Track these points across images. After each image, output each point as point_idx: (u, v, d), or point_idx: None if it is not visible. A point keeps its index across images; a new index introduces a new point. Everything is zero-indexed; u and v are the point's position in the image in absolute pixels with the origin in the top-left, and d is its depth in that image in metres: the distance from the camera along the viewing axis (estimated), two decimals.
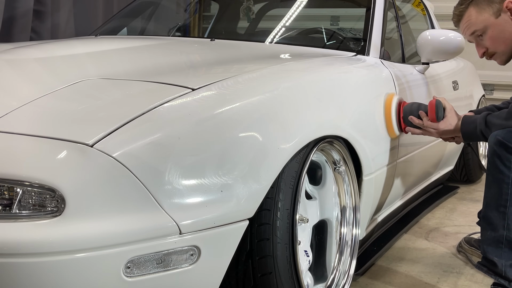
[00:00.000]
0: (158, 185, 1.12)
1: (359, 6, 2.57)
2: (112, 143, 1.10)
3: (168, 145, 1.15)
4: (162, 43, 2.24)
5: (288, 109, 1.40)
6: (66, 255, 1.04)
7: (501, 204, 1.64)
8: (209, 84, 1.33)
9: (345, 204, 1.70)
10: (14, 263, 1.02)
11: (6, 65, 1.69)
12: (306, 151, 1.44)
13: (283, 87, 1.45)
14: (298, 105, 1.44)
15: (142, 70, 1.53)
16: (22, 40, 3.06)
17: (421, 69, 2.37)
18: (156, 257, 1.13)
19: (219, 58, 1.89)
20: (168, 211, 1.12)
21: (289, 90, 1.46)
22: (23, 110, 1.23)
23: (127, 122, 1.15)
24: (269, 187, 1.29)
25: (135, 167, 1.10)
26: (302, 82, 1.55)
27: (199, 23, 3.11)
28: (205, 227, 1.17)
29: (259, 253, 1.32)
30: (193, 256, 1.17)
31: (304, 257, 1.57)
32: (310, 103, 1.49)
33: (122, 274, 1.10)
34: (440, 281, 1.94)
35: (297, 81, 1.53)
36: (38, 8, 3.22)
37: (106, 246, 1.07)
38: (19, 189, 1.06)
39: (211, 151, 1.20)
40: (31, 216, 1.06)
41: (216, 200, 1.18)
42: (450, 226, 2.57)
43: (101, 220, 1.07)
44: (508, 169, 1.60)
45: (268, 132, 1.31)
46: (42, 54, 1.88)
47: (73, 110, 1.25)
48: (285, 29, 2.39)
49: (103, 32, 2.69)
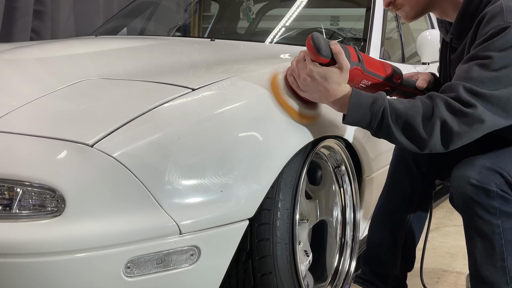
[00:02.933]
0: (158, 185, 1.12)
1: (359, 6, 2.57)
2: (112, 143, 1.10)
3: (168, 145, 1.15)
4: (162, 43, 2.24)
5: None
6: (66, 255, 1.04)
7: (498, 258, 1.34)
8: (209, 84, 1.33)
9: (345, 204, 1.71)
10: (14, 263, 1.02)
11: (6, 65, 1.69)
12: (306, 151, 1.44)
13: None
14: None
15: (142, 70, 1.53)
16: (22, 40, 3.06)
17: (421, 69, 2.37)
18: (156, 257, 1.13)
19: (219, 58, 1.89)
20: (168, 211, 1.12)
21: None
22: (23, 110, 1.23)
23: (127, 122, 1.15)
24: (269, 187, 1.29)
25: (135, 167, 1.10)
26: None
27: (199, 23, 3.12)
28: (205, 227, 1.17)
29: (259, 253, 1.32)
30: (193, 256, 1.17)
31: (304, 257, 1.57)
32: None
33: (122, 274, 1.10)
34: (440, 281, 1.94)
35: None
36: (38, 8, 3.22)
37: (106, 246, 1.07)
38: (19, 189, 1.06)
39: (211, 151, 1.20)
40: (31, 216, 1.06)
41: (216, 200, 1.18)
42: (450, 226, 2.57)
43: (101, 220, 1.07)
44: (495, 217, 1.31)
45: (268, 132, 1.31)
46: (42, 54, 1.88)
47: (73, 110, 1.25)
48: (285, 29, 2.39)
49: (103, 32, 2.69)
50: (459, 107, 1.24)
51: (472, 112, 1.23)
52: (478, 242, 1.35)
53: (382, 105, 1.27)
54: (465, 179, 1.31)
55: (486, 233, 1.33)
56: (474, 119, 1.24)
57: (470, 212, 1.33)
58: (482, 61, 1.25)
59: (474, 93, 1.24)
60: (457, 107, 1.24)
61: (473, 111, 1.23)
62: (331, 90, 1.30)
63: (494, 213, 1.30)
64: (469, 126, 1.25)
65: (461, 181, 1.32)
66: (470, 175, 1.31)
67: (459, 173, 1.34)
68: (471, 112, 1.23)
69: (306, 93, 1.35)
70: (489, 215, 1.31)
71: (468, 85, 1.24)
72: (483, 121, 1.24)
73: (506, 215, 1.31)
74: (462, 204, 1.33)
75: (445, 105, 1.25)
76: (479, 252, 1.36)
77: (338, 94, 1.30)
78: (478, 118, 1.24)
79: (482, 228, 1.33)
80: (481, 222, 1.32)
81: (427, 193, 1.67)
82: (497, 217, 1.31)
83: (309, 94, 1.35)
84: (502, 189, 1.29)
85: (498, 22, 1.26)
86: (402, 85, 1.53)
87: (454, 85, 1.26)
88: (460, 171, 1.34)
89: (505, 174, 1.30)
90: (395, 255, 1.67)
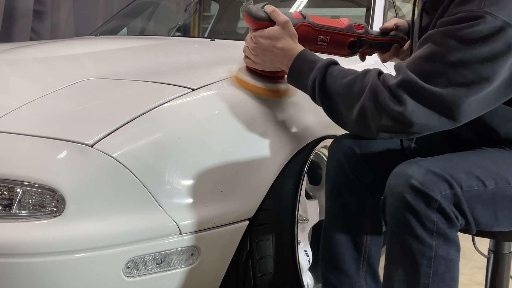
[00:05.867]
0: (158, 185, 1.12)
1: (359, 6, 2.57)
2: (112, 143, 1.10)
3: (168, 145, 1.15)
4: (162, 43, 2.24)
5: (289, 108, 1.40)
6: (66, 255, 1.04)
7: None
8: (209, 84, 1.33)
9: None
10: (14, 263, 1.02)
11: (6, 65, 1.69)
12: (306, 151, 1.44)
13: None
14: (299, 105, 1.44)
15: (142, 70, 1.53)
16: (22, 40, 3.06)
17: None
18: (156, 257, 1.12)
19: (219, 58, 1.88)
20: (168, 211, 1.12)
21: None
22: (23, 110, 1.23)
23: (127, 122, 1.15)
24: (269, 187, 1.29)
25: (135, 167, 1.10)
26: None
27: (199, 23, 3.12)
28: (205, 227, 1.17)
29: (259, 253, 1.32)
30: (193, 256, 1.17)
31: (304, 257, 1.57)
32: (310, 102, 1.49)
33: (122, 274, 1.10)
34: None
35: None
36: (38, 8, 3.22)
37: (106, 246, 1.07)
38: (19, 189, 1.06)
39: (211, 151, 1.20)
40: (31, 216, 1.06)
41: (216, 200, 1.18)
42: None
43: (101, 220, 1.07)
44: (429, 235, 0.99)
45: (268, 132, 1.31)
46: (42, 54, 1.88)
47: (73, 110, 1.25)
48: None
49: (103, 32, 2.69)
50: (385, 102, 1.03)
51: (399, 111, 1.02)
52: (401, 264, 1.03)
53: (314, 77, 1.15)
54: (404, 177, 1.01)
55: (413, 254, 1.01)
56: (400, 120, 1.02)
57: (400, 220, 1.01)
58: (437, 48, 1.01)
59: (410, 87, 1.01)
60: (383, 101, 1.03)
61: (400, 109, 1.01)
62: (279, 48, 1.22)
63: (429, 229, 0.99)
64: (393, 124, 1.04)
65: (399, 180, 1.02)
66: (412, 174, 1.01)
67: (400, 170, 1.04)
68: (398, 111, 1.02)
69: (262, 64, 1.28)
70: (422, 230, 0.99)
71: (409, 76, 1.01)
72: (412, 124, 1.02)
73: (444, 239, 1.00)
74: (394, 208, 1.02)
75: (372, 92, 1.05)
76: (398, 279, 1.03)
77: (288, 53, 1.21)
78: (404, 119, 1.02)
79: (411, 245, 1.00)
80: (410, 237, 1.00)
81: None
82: (432, 236, 0.99)
83: (264, 63, 1.27)
84: (446, 202, 0.99)
85: (472, 7, 1.00)
86: (368, 34, 1.42)
87: (401, 69, 1.05)
88: (401, 168, 1.04)
89: (455, 185, 1.01)
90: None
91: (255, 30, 1.26)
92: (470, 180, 1.03)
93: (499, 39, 0.97)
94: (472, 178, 1.04)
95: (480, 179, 1.04)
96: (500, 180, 1.06)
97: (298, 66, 1.19)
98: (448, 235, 1.00)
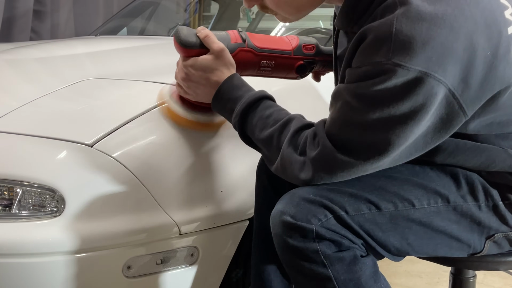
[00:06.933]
0: (158, 185, 1.12)
1: None
2: (112, 143, 1.10)
3: (168, 145, 1.15)
4: (162, 43, 2.24)
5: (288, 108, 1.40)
6: (66, 255, 1.04)
7: None
8: None
9: None
10: (14, 263, 1.02)
11: (6, 65, 1.69)
12: None
13: (282, 87, 1.45)
14: (298, 105, 1.44)
15: (142, 70, 1.53)
16: (22, 40, 3.06)
17: None
18: (156, 257, 1.12)
19: None
20: (168, 211, 1.12)
21: (288, 90, 1.46)
22: (23, 110, 1.23)
23: (127, 122, 1.15)
24: None
25: (135, 167, 1.10)
26: (301, 81, 1.54)
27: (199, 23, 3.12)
28: (205, 227, 1.17)
29: None
30: (193, 256, 1.17)
31: None
32: (310, 102, 1.49)
33: (122, 274, 1.09)
34: (440, 281, 1.94)
35: (296, 81, 1.53)
36: (38, 8, 3.22)
37: (106, 246, 1.07)
38: (19, 189, 1.06)
39: (211, 151, 1.20)
40: (31, 216, 1.06)
41: (216, 200, 1.18)
42: None
43: (101, 220, 1.07)
44: (321, 266, 0.90)
45: None
46: (42, 54, 1.88)
47: (73, 110, 1.25)
48: (285, 29, 2.38)
49: (103, 32, 2.69)
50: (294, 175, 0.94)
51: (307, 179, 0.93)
52: None
53: (234, 124, 1.05)
54: (278, 215, 0.92)
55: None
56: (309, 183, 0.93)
57: (289, 264, 0.93)
58: (351, 111, 0.88)
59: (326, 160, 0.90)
60: (292, 174, 0.95)
61: (308, 178, 0.92)
62: (214, 81, 1.07)
63: (318, 261, 0.90)
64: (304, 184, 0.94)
65: (274, 219, 0.93)
66: (283, 209, 0.91)
67: (276, 207, 0.94)
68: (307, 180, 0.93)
69: (194, 95, 1.13)
70: (311, 265, 0.90)
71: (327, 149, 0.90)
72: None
73: (339, 261, 0.91)
74: (279, 251, 0.93)
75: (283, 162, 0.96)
76: None
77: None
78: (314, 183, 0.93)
79: (309, 284, 0.92)
80: (305, 278, 0.92)
81: None
82: (325, 266, 0.90)
83: (197, 96, 1.13)
84: (328, 228, 0.90)
85: (379, 58, 0.83)
86: (320, 55, 1.25)
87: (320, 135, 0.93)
88: (277, 204, 0.94)
89: (336, 208, 0.91)
90: None
91: (185, 58, 1.11)
92: (357, 203, 0.93)
93: (418, 93, 0.82)
94: (360, 202, 0.93)
95: (371, 202, 0.94)
96: (400, 202, 0.95)
97: (220, 104, 1.08)
98: (342, 256, 0.91)
